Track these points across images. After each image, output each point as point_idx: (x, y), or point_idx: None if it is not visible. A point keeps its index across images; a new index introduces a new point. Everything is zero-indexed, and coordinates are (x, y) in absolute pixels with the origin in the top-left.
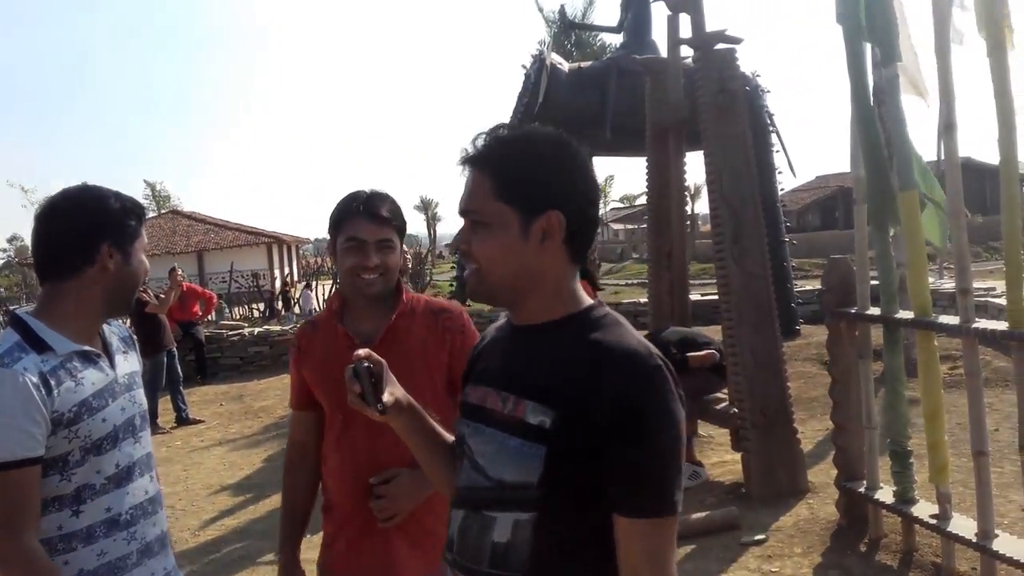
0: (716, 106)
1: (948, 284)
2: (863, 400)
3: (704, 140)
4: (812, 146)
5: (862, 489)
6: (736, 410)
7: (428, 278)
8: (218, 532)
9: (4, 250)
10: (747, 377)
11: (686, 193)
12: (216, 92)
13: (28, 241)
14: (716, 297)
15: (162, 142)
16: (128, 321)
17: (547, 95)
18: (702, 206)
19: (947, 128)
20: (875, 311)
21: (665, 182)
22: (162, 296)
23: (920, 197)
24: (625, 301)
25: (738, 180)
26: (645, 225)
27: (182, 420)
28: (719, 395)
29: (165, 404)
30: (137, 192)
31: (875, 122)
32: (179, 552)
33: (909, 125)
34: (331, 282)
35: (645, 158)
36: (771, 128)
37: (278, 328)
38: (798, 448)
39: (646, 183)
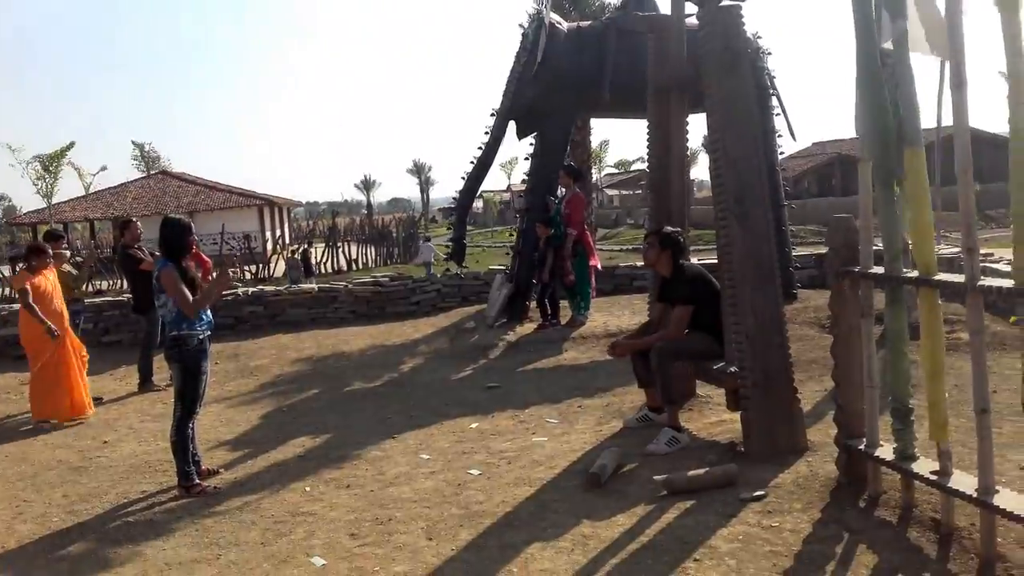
0: (720, 64)
1: (945, 250)
2: (865, 359)
3: (708, 99)
4: (809, 113)
5: (862, 447)
6: (735, 369)
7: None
8: (217, 485)
9: None
10: (748, 337)
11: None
12: (208, 51)
13: (15, 201)
14: (713, 261)
15: (151, 102)
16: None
17: (545, 55)
18: (697, 172)
19: (958, 86)
20: (879, 270)
21: (666, 144)
22: (156, 254)
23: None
24: (622, 265)
25: (742, 139)
26: (640, 191)
27: None
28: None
29: (160, 362)
30: (125, 153)
31: (881, 78)
32: (179, 506)
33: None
34: (324, 245)
35: (645, 120)
36: (772, 91)
37: (272, 288)
38: (798, 407)
39: (647, 145)
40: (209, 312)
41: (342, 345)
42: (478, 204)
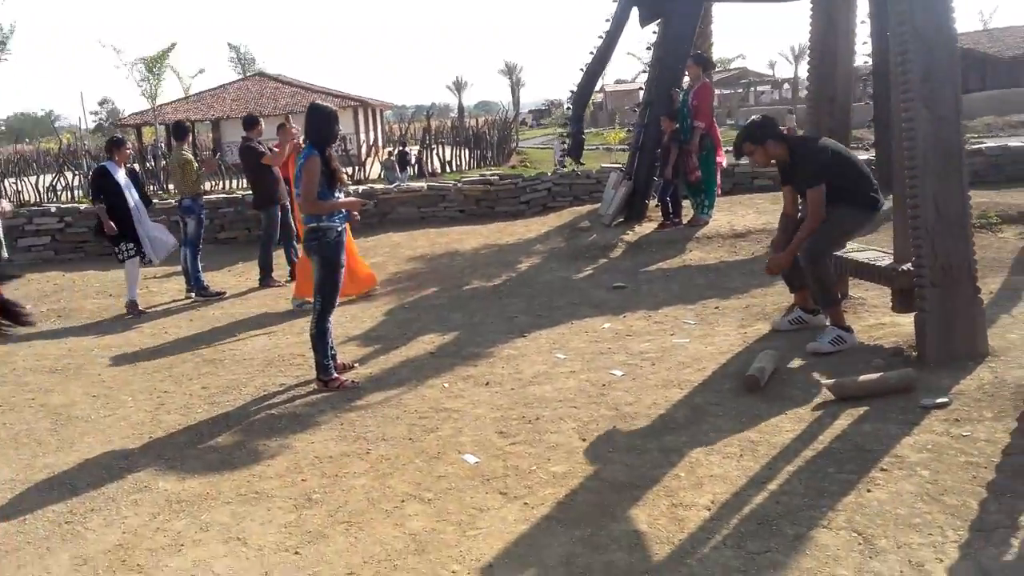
0: None
1: None
2: None
3: None
4: None
5: None
6: (908, 267)
7: (515, 144)
8: (355, 380)
9: (95, 112)
10: (928, 231)
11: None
12: None
13: (119, 103)
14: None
15: (247, 3)
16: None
17: None
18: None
19: None
20: None
21: (832, 18)
22: (275, 149)
23: None
24: (744, 162)
25: (933, 9)
26: (740, 90)
27: (295, 274)
28: (879, 250)
29: (279, 258)
30: (222, 55)
31: None
32: (320, 399)
33: None
34: (419, 147)
35: (773, 4)
36: None
37: (381, 186)
38: (980, 308)
39: (810, 20)
40: None
41: (455, 244)
42: (568, 106)
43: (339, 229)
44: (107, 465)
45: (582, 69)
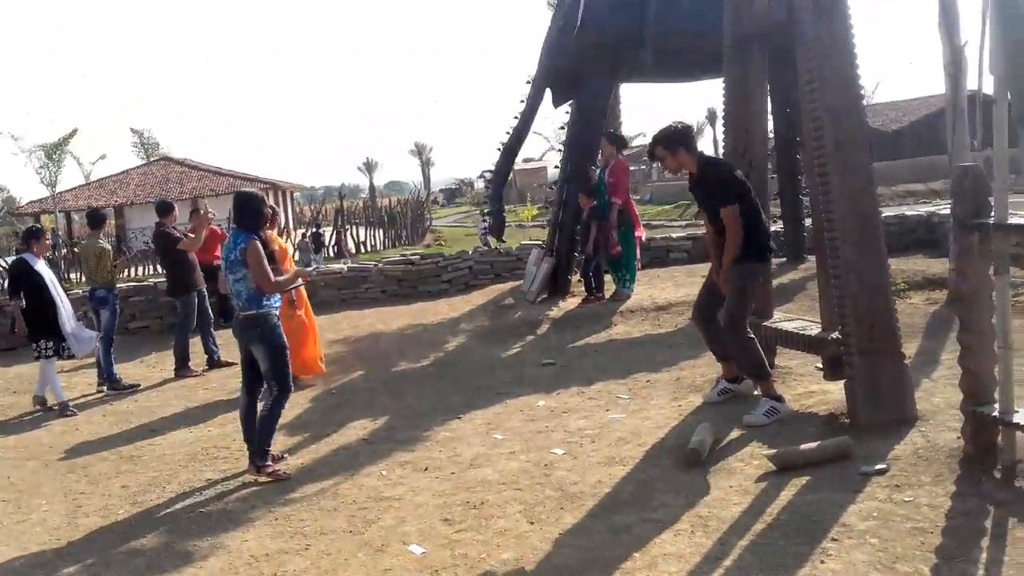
0: (817, 3)
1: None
2: (1000, 319)
3: (801, 43)
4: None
5: (995, 413)
6: (836, 335)
7: (429, 223)
8: (286, 471)
9: None
10: (851, 299)
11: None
12: (205, 36)
13: (15, 192)
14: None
15: (149, 89)
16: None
17: (584, 17)
18: (704, 144)
19: None
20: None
21: (747, 105)
22: (190, 235)
23: None
24: (657, 237)
25: (844, 85)
26: (643, 166)
27: (214, 363)
28: (806, 320)
29: (195, 347)
30: (124, 140)
31: (1019, 10)
32: (251, 493)
33: None
34: (331, 229)
35: (686, 83)
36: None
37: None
38: (907, 373)
39: (723, 101)
40: None
41: (379, 325)
42: (479, 185)
43: (277, 313)
44: (23, 575)
45: (499, 148)
